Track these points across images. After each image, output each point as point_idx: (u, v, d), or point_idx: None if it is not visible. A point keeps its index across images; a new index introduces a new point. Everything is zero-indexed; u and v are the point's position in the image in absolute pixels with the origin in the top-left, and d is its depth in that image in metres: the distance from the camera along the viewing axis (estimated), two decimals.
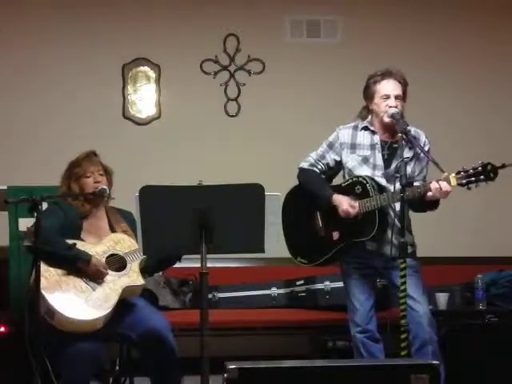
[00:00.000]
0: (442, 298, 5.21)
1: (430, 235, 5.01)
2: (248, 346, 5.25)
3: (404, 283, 3.76)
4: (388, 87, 4.10)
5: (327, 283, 5.34)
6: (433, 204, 4.02)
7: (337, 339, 5.08)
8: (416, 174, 4.11)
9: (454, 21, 6.22)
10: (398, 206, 4.01)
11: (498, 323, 4.86)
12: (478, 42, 6.22)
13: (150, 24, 6.07)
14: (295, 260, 4.34)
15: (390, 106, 4.06)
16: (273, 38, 6.17)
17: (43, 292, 3.70)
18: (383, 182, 4.10)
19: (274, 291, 5.54)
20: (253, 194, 3.41)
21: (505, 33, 6.25)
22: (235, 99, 6.19)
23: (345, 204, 4.07)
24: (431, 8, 6.20)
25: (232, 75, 6.19)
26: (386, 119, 4.09)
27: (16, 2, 6.04)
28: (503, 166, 3.77)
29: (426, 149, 4.12)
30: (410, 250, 4.08)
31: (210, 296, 5.34)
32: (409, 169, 4.06)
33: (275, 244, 3.51)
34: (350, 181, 4.15)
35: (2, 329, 4.51)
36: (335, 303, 5.14)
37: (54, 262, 3.82)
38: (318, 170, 4.28)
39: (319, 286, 5.37)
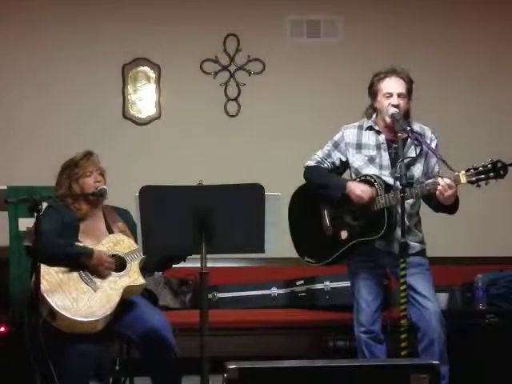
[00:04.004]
0: (442, 298, 5.21)
1: (430, 235, 4.98)
2: (248, 346, 5.24)
3: (404, 283, 3.77)
4: (391, 85, 4.10)
5: (327, 283, 5.33)
6: (451, 207, 4.01)
7: (337, 339, 5.08)
8: (430, 171, 4.11)
9: (454, 19, 6.21)
10: (406, 204, 4.01)
11: (497, 323, 4.85)
12: (479, 40, 6.20)
13: (150, 24, 6.06)
14: (302, 260, 4.32)
15: (393, 105, 4.07)
16: (273, 38, 6.17)
17: (44, 294, 3.71)
18: (391, 181, 4.08)
19: (274, 291, 5.54)
20: (253, 194, 3.42)
21: (507, 31, 6.24)
22: (235, 99, 6.19)
23: (358, 190, 4.06)
24: (431, 7, 6.19)
25: (232, 75, 6.19)
26: (388, 118, 4.09)
27: (17, 1, 6.04)
28: None
29: (433, 144, 4.14)
30: (419, 248, 4.14)
31: (210, 296, 5.33)
32: (420, 167, 4.08)
33: (275, 244, 3.51)
34: (358, 180, 4.15)
35: (2, 329, 4.51)
36: (335, 303, 5.14)
37: (56, 263, 3.82)
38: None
39: (319, 286, 5.37)
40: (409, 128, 4.00)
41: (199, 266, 3.42)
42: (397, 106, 4.06)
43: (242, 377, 3.13)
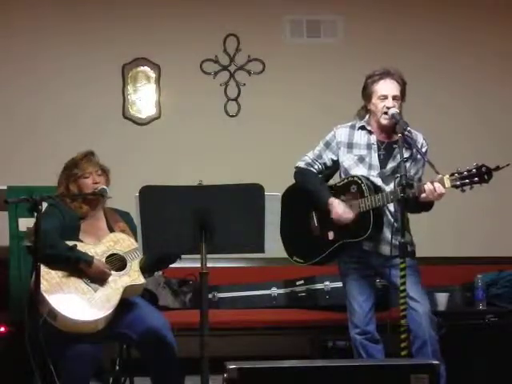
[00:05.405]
0: (442, 298, 5.21)
1: (430, 235, 5.01)
2: (248, 346, 5.24)
3: (404, 283, 3.76)
4: (386, 88, 4.09)
5: (327, 283, 5.34)
6: (427, 205, 4.02)
7: (337, 339, 5.08)
8: (412, 174, 4.10)
9: (454, 18, 6.21)
10: (391, 205, 4.02)
11: (497, 323, 4.86)
12: (479, 38, 6.20)
13: (150, 24, 6.07)
14: (291, 259, 4.33)
15: (388, 107, 4.06)
16: (273, 38, 6.17)
17: (44, 294, 3.70)
18: (379, 181, 4.09)
19: (274, 291, 5.54)
20: (253, 193, 3.42)
21: (506, 29, 6.24)
22: (235, 99, 6.19)
23: (339, 210, 4.07)
24: (431, 6, 6.20)
25: (232, 75, 6.19)
26: (383, 120, 4.08)
27: (16, 0, 6.05)
28: (497, 169, 3.77)
29: (424, 150, 4.12)
30: (408, 249, 4.08)
31: (210, 296, 5.33)
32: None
33: (275, 244, 3.52)
34: (346, 180, 4.15)
35: (2, 329, 4.52)
36: (335, 303, 5.13)
37: (55, 265, 3.82)
38: (314, 170, 4.26)
39: (319, 285, 5.37)
40: (409, 128, 4.01)
41: (199, 265, 3.42)
42: (394, 108, 4.06)
43: (242, 377, 3.13)
